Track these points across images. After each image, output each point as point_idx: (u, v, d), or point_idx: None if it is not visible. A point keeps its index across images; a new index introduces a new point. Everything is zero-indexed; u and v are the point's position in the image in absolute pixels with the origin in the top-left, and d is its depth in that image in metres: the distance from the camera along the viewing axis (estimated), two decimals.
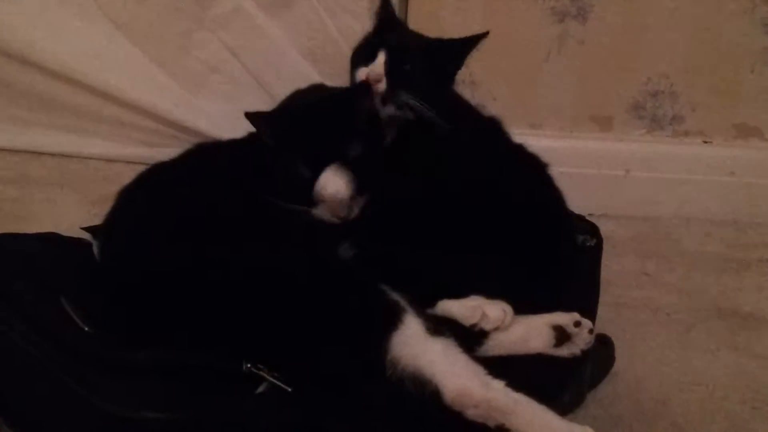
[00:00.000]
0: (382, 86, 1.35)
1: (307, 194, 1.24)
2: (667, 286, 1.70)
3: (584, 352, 1.19)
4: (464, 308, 1.17)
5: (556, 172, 1.38)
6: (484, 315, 1.15)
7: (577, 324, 1.18)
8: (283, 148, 1.27)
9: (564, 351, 1.18)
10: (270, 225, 1.20)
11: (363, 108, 1.30)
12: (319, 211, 1.24)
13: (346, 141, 1.26)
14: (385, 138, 1.33)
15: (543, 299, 1.22)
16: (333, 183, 1.23)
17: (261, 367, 1.04)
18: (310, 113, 1.30)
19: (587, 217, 1.53)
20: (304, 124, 1.28)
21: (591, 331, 1.19)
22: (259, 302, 1.07)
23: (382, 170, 1.28)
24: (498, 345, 1.16)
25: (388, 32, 1.47)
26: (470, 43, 1.42)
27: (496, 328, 1.16)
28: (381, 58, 1.37)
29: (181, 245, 1.13)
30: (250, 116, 1.27)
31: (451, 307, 1.17)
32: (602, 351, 1.31)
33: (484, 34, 1.42)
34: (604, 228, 1.48)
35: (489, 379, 1.02)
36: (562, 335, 1.18)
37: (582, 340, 1.18)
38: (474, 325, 1.15)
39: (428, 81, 1.39)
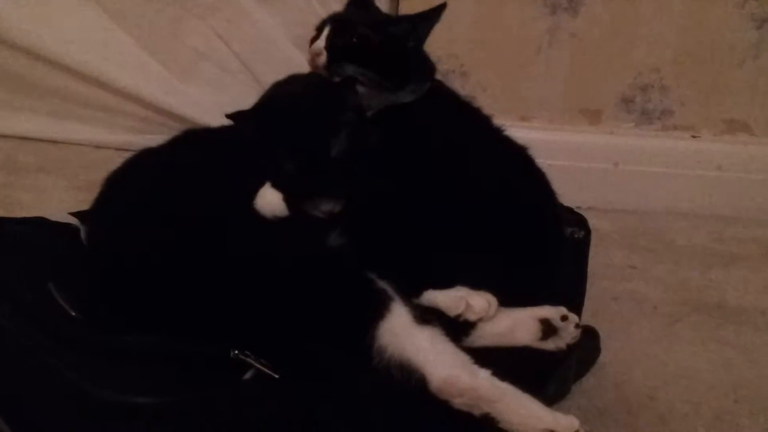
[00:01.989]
0: (322, 59, 1.34)
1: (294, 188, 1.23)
2: (654, 279, 1.70)
3: (570, 346, 1.19)
4: (449, 298, 1.17)
5: (544, 164, 1.37)
6: (468, 305, 1.15)
7: (564, 318, 1.19)
8: (267, 144, 1.26)
9: (550, 344, 1.19)
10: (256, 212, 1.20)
11: (346, 103, 1.29)
12: (305, 206, 1.23)
13: (329, 137, 1.24)
14: (371, 133, 1.32)
15: (530, 291, 1.22)
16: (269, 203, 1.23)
17: (248, 353, 1.03)
18: (291, 110, 1.27)
19: (576, 210, 1.53)
20: (285, 123, 1.26)
21: (577, 326, 1.20)
22: (247, 289, 1.07)
23: (367, 164, 1.27)
24: (484, 336, 1.17)
25: (349, 11, 1.46)
26: (429, 16, 1.40)
27: (480, 319, 1.16)
28: (325, 32, 1.36)
29: (168, 231, 1.12)
30: (232, 116, 1.26)
31: (436, 298, 1.17)
32: (588, 343, 1.31)
33: (443, 6, 1.39)
34: (592, 221, 1.49)
35: (475, 368, 1.03)
36: (548, 329, 1.18)
37: (568, 334, 1.19)
38: (458, 316, 1.15)
39: (383, 54, 1.37)
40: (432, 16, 1.39)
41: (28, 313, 1.06)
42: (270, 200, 1.20)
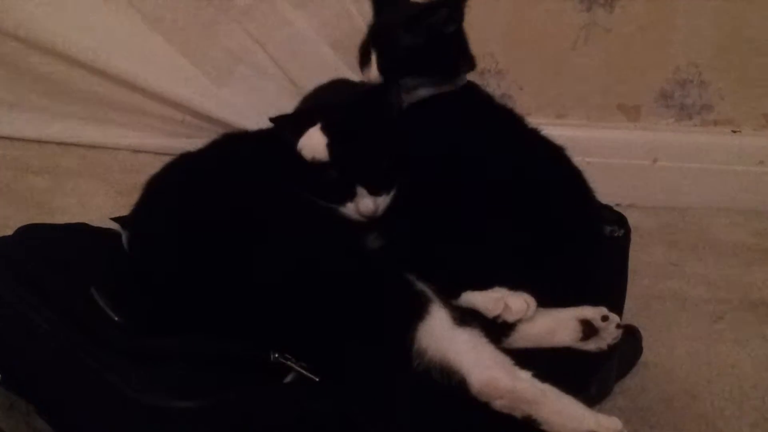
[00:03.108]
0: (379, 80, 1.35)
1: (336, 194, 1.24)
2: (696, 276, 1.68)
3: (611, 347, 1.19)
4: (487, 300, 1.16)
5: (582, 162, 1.37)
6: (506, 306, 1.15)
7: (605, 318, 1.17)
8: None
9: (591, 345, 1.18)
10: (297, 215, 1.20)
11: (391, 109, 1.30)
12: (347, 210, 1.24)
13: (375, 145, 1.25)
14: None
15: (569, 291, 1.21)
16: (365, 203, 1.23)
17: (288, 356, 1.04)
18: (336, 116, 1.27)
19: (615, 207, 1.52)
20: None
21: (618, 326, 1.19)
22: (286, 292, 1.07)
23: (407, 165, 1.27)
24: (524, 337, 1.16)
25: (383, 18, 1.45)
26: None
27: (519, 320, 1.16)
28: (373, 58, 1.36)
29: (208, 235, 1.13)
30: (275, 120, 1.27)
31: (474, 299, 1.17)
32: (630, 342, 1.30)
33: None
34: (632, 218, 1.47)
35: (516, 369, 1.02)
36: (589, 329, 1.17)
37: (609, 335, 1.18)
38: (497, 317, 1.15)
39: (433, 53, 1.36)
40: None
41: (70, 318, 1.06)
42: (315, 141, 1.21)
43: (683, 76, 1.93)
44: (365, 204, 1.22)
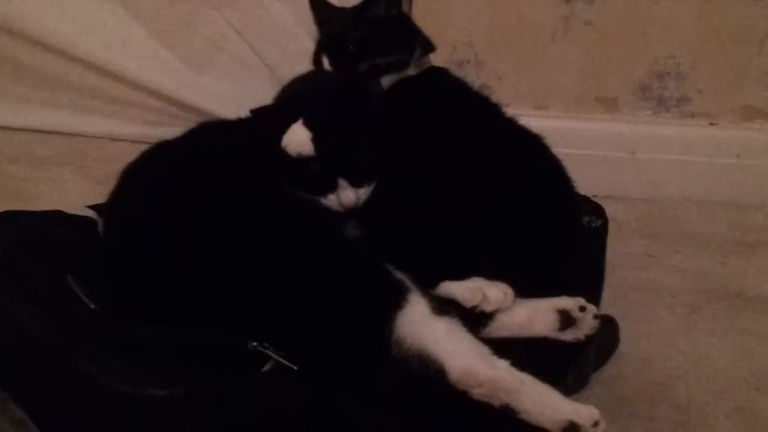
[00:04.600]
0: None
1: (317, 186, 1.23)
2: (672, 268, 1.69)
3: (588, 337, 1.19)
4: (465, 290, 1.16)
5: (561, 153, 1.37)
6: (484, 297, 1.15)
7: (582, 309, 1.18)
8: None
9: (568, 335, 1.18)
10: (275, 204, 1.20)
11: (372, 99, 1.29)
12: (328, 201, 1.23)
13: (355, 136, 1.25)
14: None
15: (547, 281, 1.21)
16: (346, 195, 1.23)
17: (266, 345, 1.04)
18: (318, 109, 1.27)
19: (592, 199, 1.53)
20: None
21: (596, 316, 1.19)
22: (264, 280, 1.07)
23: (387, 156, 1.27)
24: (502, 327, 1.16)
25: (324, 27, 1.53)
26: None
27: (497, 310, 1.16)
28: (325, 63, 1.43)
29: (185, 223, 1.13)
30: (256, 113, 1.27)
31: (452, 289, 1.17)
32: (607, 332, 1.31)
33: None
34: (610, 209, 1.48)
35: (494, 358, 1.03)
36: (567, 320, 1.18)
37: (587, 325, 1.18)
38: (474, 307, 1.15)
39: (372, 38, 1.42)
40: None
41: (46, 306, 1.06)
42: (300, 137, 1.21)
43: (661, 68, 1.94)
44: (347, 196, 1.22)
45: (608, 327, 1.32)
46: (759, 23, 1.86)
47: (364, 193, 1.24)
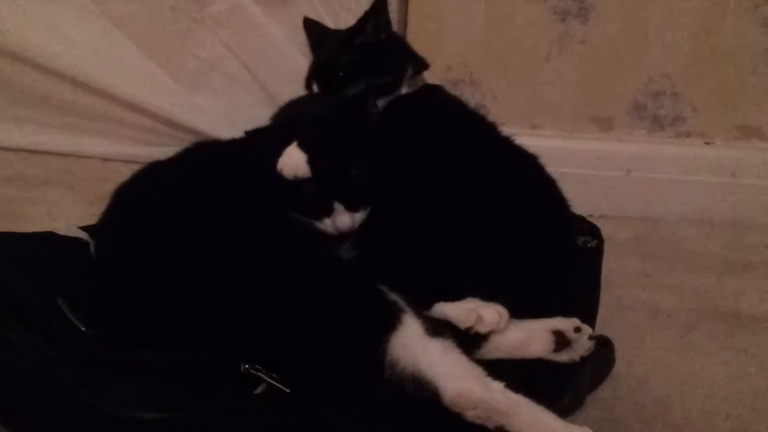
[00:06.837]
0: None
1: (313, 209, 1.23)
2: (668, 287, 1.69)
3: (584, 358, 1.18)
4: (460, 310, 1.16)
5: (556, 172, 1.37)
6: (479, 317, 1.14)
7: (578, 329, 1.17)
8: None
9: (563, 356, 1.18)
10: (268, 225, 1.20)
11: (367, 121, 1.29)
12: (323, 225, 1.23)
13: (351, 159, 1.24)
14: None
15: (542, 301, 1.21)
16: (342, 220, 1.23)
17: (259, 368, 1.03)
18: (313, 131, 1.26)
19: (588, 218, 1.52)
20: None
21: (591, 337, 1.19)
22: (257, 302, 1.06)
23: (382, 180, 1.27)
24: (497, 348, 1.16)
25: (316, 53, 1.55)
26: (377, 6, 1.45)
27: (492, 331, 1.15)
28: (315, 88, 1.44)
29: (177, 244, 1.12)
30: (251, 135, 1.26)
31: (447, 310, 1.16)
32: (602, 352, 1.30)
33: None
34: (605, 229, 1.47)
35: (489, 380, 1.02)
36: (561, 340, 1.17)
37: (582, 346, 1.18)
38: (469, 328, 1.14)
39: (362, 63, 1.42)
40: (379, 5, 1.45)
41: (37, 329, 1.05)
42: (295, 160, 1.20)
43: (656, 87, 1.94)
44: (342, 220, 1.22)
45: (604, 347, 1.31)
46: (754, 42, 1.87)
47: (359, 217, 1.24)
